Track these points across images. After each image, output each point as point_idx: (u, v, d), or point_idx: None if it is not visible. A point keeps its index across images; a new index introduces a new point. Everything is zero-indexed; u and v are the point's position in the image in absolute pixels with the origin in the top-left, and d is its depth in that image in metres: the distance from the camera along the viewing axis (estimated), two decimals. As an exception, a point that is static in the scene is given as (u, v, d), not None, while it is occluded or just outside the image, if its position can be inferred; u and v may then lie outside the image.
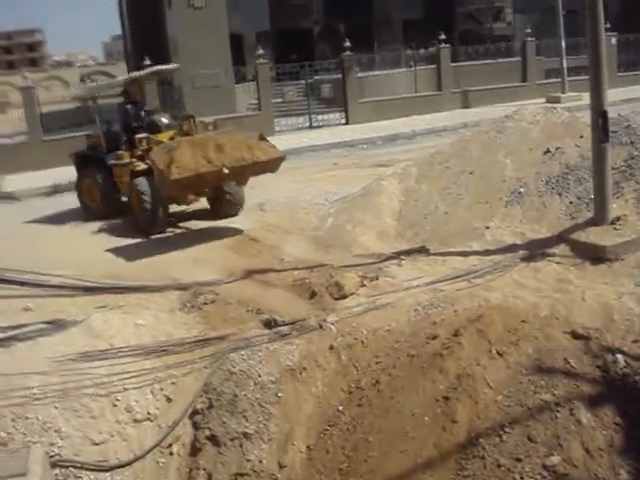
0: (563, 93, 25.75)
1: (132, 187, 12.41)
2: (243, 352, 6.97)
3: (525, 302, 7.05)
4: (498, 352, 6.22)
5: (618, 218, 8.24)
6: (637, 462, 5.44)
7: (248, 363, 6.78)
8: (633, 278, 7.43)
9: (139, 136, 12.85)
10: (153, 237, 12.05)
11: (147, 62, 22.80)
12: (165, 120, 13.91)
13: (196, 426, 6.61)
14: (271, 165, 11.52)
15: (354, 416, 6.32)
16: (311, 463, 6.22)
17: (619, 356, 6.20)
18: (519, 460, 5.48)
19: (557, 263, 7.94)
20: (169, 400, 6.79)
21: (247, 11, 30.31)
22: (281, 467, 6.22)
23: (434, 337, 6.63)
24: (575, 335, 6.41)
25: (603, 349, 6.27)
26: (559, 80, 26.39)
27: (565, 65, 25.97)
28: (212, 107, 11.33)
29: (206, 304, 8.24)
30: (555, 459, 5.45)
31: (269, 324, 7.47)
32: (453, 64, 27.64)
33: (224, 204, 13.00)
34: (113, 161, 13.30)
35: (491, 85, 27.10)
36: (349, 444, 6.15)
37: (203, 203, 13.42)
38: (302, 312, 7.67)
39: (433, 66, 27.52)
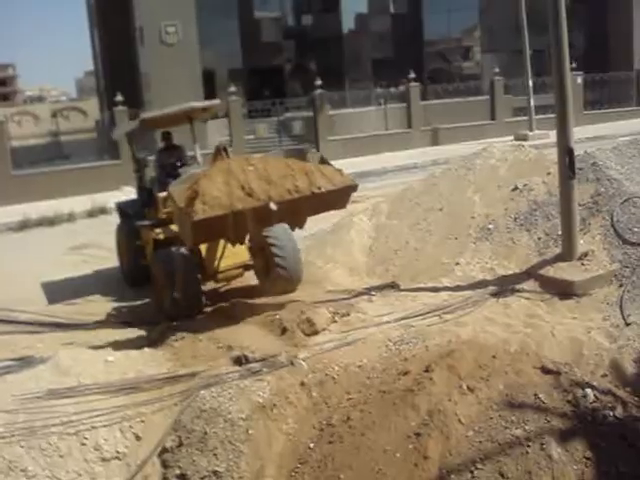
0: (531, 131, 26.18)
1: (153, 262, 9.89)
2: (213, 389, 6.89)
3: (495, 337, 7.10)
4: (469, 387, 6.21)
5: (586, 254, 8.38)
6: (607, 496, 5.46)
7: (218, 400, 6.70)
8: (601, 313, 7.54)
9: (162, 195, 9.81)
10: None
11: (119, 98, 22.88)
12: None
13: (165, 465, 6.48)
14: (338, 197, 8.29)
15: (325, 453, 6.25)
16: (282, 501, 6.15)
17: (588, 391, 6.24)
18: (491, 500, 5.46)
19: (526, 298, 8.03)
20: (138, 438, 6.67)
21: (219, 48, 30.64)
22: (253, 507, 6.14)
23: (405, 373, 6.62)
24: (545, 370, 6.43)
25: (573, 384, 6.30)
26: (527, 118, 26.83)
27: (532, 103, 26.43)
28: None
29: (176, 340, 8.18)
30: (527, 495, 5.43)
31: (239, 361, 7.40)
32: (423, 102, 28.06)
33: (276, 278, 9.72)
34: (140, 222, 10.73)
35: (460, 123, 27.51)
36: (319, 483, 6.08)
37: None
38: (273, 348, 7.62)
39: (403, 104, 27.89)
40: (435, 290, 8.63)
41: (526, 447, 5.71)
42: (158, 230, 10.05)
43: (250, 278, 10.65)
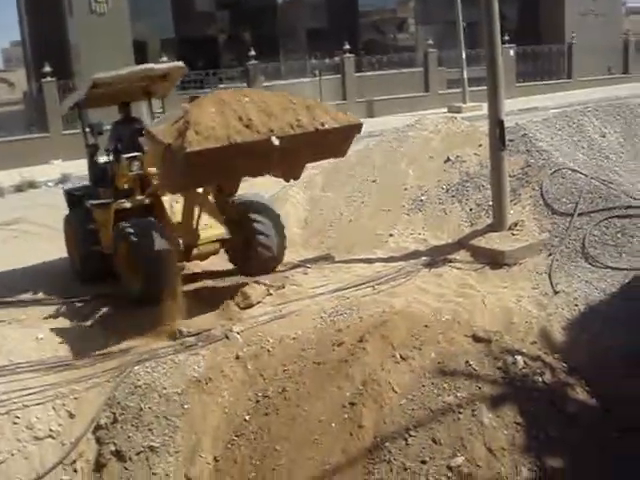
0: (464, 103, 26.41)
1: (116, 236, 8.39)
2: (147, 365, 6.85)
3: (428, 307, 7.20)
4: (402, 357, 6.31)
5: (516, 224, 8.53)
6: (538, 459, 5.61)
7: (152, 376, 6.66)
8: (531, 282, 7.71)
9: (127, 155, 8.72)
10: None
11: (47, 68, 22.24)
12: None
13: (100, 441, 6.43)
14: (340, 140, 7.32)
15: (261, 425, 6.28)
16: (219, 474, 6.16)
17: (518, 357, 6.40)
18: (424, 462, 5.56)
19: (458, 268, 8.15)
20: (72, 416, 6.59)
21: (151, 18, 29.94)
22: (188, 479, 6.13)
23: (340, 344, 6.68)
24: (476, 338, 6.57)
25: (503, 351, 6.46)
26: (460, 90, 27.06)
27: (466, 76, 26.64)
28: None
29: (109, 316, 8.06)
30: (459, 460, 5.56)
31: (174, 335, 7.35)
32: (357, 74, 28.02)
33: (256, 256, 8.74)
34: (92, 201, 9.31)
35: (395, 95, 27.58)
36: (257, 453, 6.10)
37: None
38: (208, 322, 7.58)
39: (338, 75, 27.81)
40: (369, 261, 8.69)
41: (458, 414, 5.85)
42: (121, 200, 8.74)
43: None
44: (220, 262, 9.30)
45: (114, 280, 8.67)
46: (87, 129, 9.69)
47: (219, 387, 6.68)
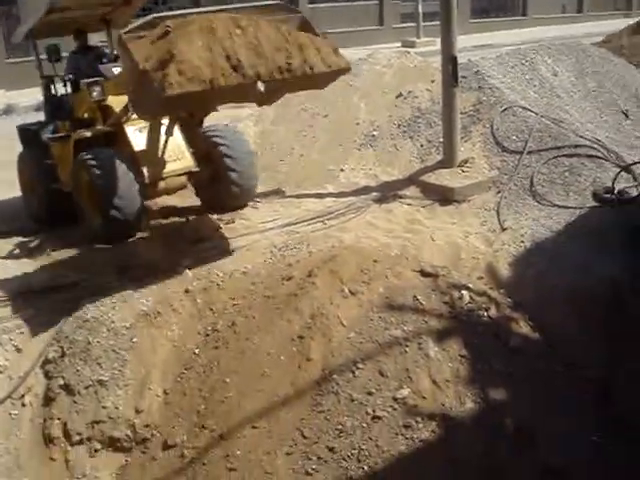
0: (418, 38, 26.18)
1: (76, 168, 7.88)
2: (95, 298, 6.79)
3: (377, 242, 7.23)
4: (351, 291, 6.37)
5: (466, 161, 8.58)
6: (481, 391, 5.76)
7: (101, 310, 6.60)
8: (479, 218, 7.80)
9: (87, 81, 8.02)
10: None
11: None
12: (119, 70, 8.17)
13: (49, 376, 6.37)
14: (325, 79, 6.87)
15: (210, 358, 6.31)
16: (168, 407, 6.19)
17: (464, 292, 6.52)
18: (371, 394, 5.67)
19: (408, 205, 8.19)
20: (19, 350, 6.52)
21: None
22: (138, 412, 6.14)
23: (289, 278, 6.70)
24: (424, 273, 6.66)
25: (450, 286, 6.57)
26: (414, 25, 26.80)
27: (420, 10, 26.34)
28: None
29: (55, 250, 7.94)
30: (405, 392, 5.68)
31: (123, 269, 7.29)
32: (310, 5, 27.49)
33: (226, 192, 8.44)
34: (49, 135, 8.78)
35: (349, 28, 27.21)
36: (206, 386, 6.14)
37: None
38: (157, 257, 7.53)
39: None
40: (319, 196, 8.67)
41: (404, 347, 5.95)
42: (80, 130, 8.16)
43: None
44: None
45: (74, 222, 8.29)
46: (43, 56, 8.92)
47: (168, 321, 6.66)
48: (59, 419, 6.08)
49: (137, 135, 7.98)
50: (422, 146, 9.17)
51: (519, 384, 5.85)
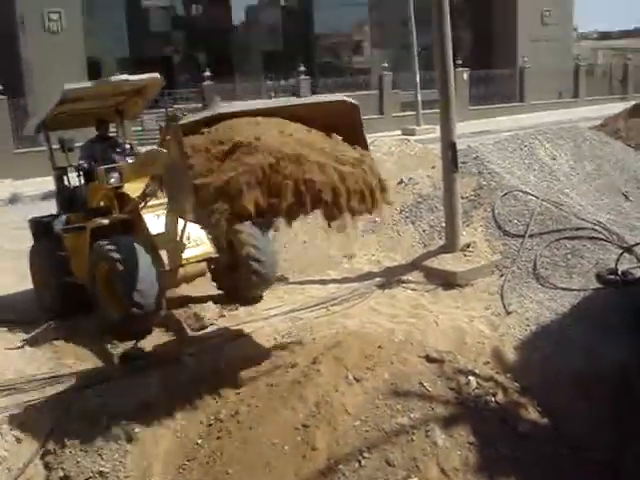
0: (418, 126, 26.63)
1: (94, 258, 7.62)
2: (97, 388, 6.72)
3: (381, 328, 7.20)
4: (355, 378, 6.29)
5: (468, 245, 8.61)
6: (490, 478, 5.64)
7: (102, 399, 6.54)
8: (483, 302, 7.78)
9: (104, 167, 8.00)
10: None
11: (-1, 86, 21.89)
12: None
13: (48, 467, 6.25)
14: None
15: (213, 449, 6.19)
16: (171, 499, 6.06)
17: (471, 378, 6.45)
18: (379, 485, 5.54)
19: (412, 290, 8.18)
20: (19, 441, 6.41)
21: (106, 37, 29.78)
22: (139, 505, 6.01)
23: (293, 365, 6.64)
24: (429, 359, 6.59)
25: (456, 371, 6.49)
26: (414, 113, 27.30)
27: (420, 98, 26.88)
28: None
29: (57, 339, 7.89)
30: (413, 481, 5.55)
31: (125, 358, 7.24)
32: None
33: (245, 280, 8.16)
34: (62, 226, 8.56)
35: (350, 117, 27.68)
36: (209, 477, 6.00)
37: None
38: (159, 345, 7.48)
39: (293, 97, 27.90)
40: (323, 283, 8.68)
41: (411, 435, 5.85)
42: (97, 219, 7.98)
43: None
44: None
45: (86, 312, 8.05)
46: (55, 147, 8.84)
47: (170, 411, 6.58)
48: (61, 512, 5.94)
49: (155, 221, 7.81)
50: (424, 231, 9.23)
51: (527, 469, 5.74)
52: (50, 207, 9.66)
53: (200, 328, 7.72)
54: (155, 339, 7.65)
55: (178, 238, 7.60)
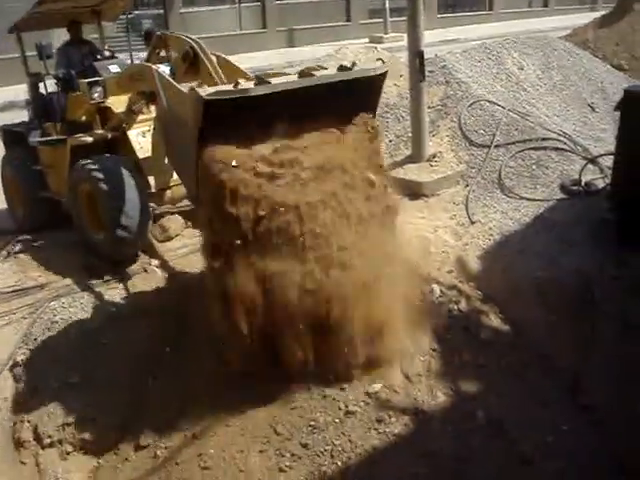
0: (385, 34, 26.19)
1: (76, 177, 7.23)
2: (64, 300, 6.72)
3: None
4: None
5: (434, 155, 8.60)
6: (452, 383, 5.81)
7: (69, 311, 6.55)
8: (447, 212, 7.83)
9: (87, 80, 7.38)
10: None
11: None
12: (115, 69, 7.83)
13: (17, 379, 6.31)
14: None
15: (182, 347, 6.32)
16: (139, 407, 6.15)
17: (435, 286, 6.55)
18: (343, 389, 5.67)
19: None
20: (-13, 353, 6.44)
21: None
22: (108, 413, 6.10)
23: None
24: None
25: (421, 280, 6.59)
26: (382, 20, 26.82)
27: (388, 6, 26.37)
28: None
29: (23, 252, 7.83)
30: (377, 386, 5.69)
31: (91, 269, 7.21)
32: (278, 2, 27.41)
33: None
34: (38, 138, 8.09)
35: (316, 24, 27.16)
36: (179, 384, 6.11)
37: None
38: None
39: (258, 3, 27.14)
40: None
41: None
42: (79, 135, 7.50)
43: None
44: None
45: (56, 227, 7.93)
46: (29, 54, 8.27)
47: (137, 321, 6.62)
48: (29, 422, 6.02)
49: (141, 140, 7.47)
50: (390, 141, 9.17)
51: (490, 376, 5.90)
52: (8, 118, 9.41)
53: (166, 239, 7.70)
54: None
55: (165, 159, 7.03)
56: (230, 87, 4.95)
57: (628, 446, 5.38)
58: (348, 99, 5.35)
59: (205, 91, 4.86)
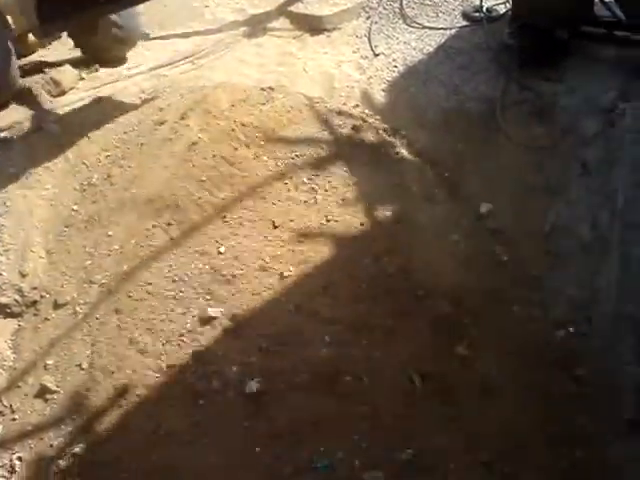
0: None
1: None
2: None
3: (250, 78, 7.07)
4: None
5: (333, -14, 8.31)
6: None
7: (-33, 178, 6.26)
8: (350, 46, 7.70)
9: None
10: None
11: None
12: None
13: None
14: None
15: (91, 213, 6.14)
16: (53, 266, 6.03)
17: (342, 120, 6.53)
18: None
19: (278, 37, 7.95)
20: None
21: None
22: (23, 276, 5.96)
23: (162, 123, 6.51)
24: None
25: (327, 115, 6.56)
26: None
27: None
28: None
29: None
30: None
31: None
32: None
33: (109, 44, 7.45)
34: None
35: None
36: (89, 241, 6.01)
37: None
38: (19, 116, 7.06)
39: None
40: (186, 36, 8.27)
41: (288, 179, 5.99)
42: None
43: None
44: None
45: None
46: None
47: (41, 180, 6.40)
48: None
49: None
50: (287, -25, 8.80)
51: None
52: None
53: (60, 93, 7.31)
54: (13, 111, 7.19)
55: None
56: None
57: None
58: None
59: None
